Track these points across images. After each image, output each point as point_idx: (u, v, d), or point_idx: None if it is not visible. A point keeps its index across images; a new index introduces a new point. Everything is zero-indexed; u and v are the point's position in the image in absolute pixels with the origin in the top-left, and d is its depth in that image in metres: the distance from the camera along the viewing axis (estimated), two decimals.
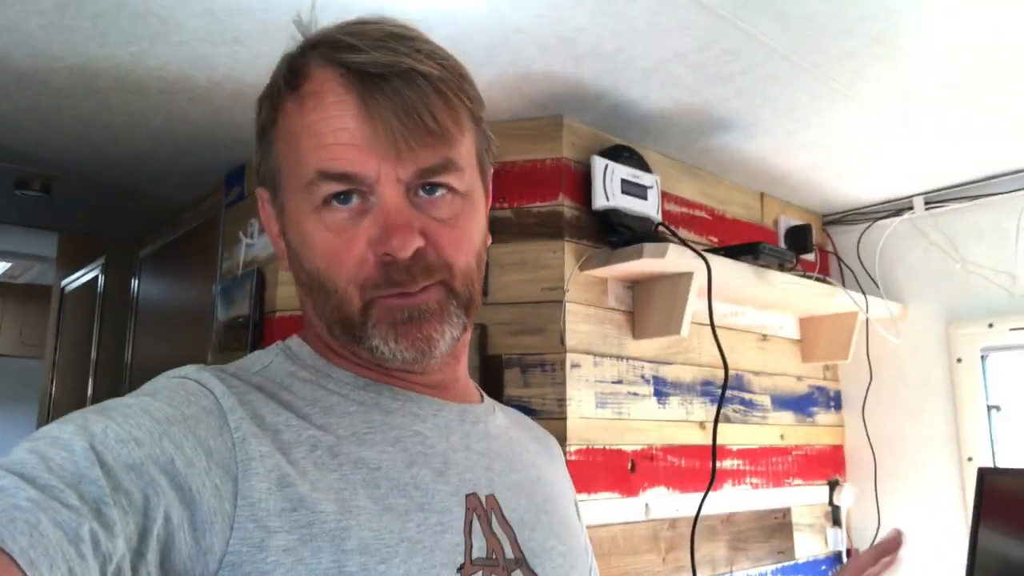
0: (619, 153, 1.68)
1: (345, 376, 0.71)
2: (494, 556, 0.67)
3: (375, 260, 0.65)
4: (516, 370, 1.59)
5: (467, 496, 0.68)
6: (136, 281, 2.67)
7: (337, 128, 0.64)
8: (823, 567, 2.14)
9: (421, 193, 0.67)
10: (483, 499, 0.70)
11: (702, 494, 1.60)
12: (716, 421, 1.57)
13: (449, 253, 0.67)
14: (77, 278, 3.20)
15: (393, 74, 0.63)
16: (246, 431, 0.60)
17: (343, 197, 0.65)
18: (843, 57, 1.40)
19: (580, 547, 0.82)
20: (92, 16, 1.32)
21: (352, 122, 0.64)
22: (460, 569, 0.64)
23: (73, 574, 0.44)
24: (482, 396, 0.82)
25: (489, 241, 0.76)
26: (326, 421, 0.66)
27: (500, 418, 0.81)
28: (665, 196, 1.85)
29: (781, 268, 1.81)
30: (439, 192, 0.67)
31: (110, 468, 0.51)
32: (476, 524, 0.67)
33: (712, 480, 1.54)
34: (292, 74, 0.68)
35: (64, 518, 0.45)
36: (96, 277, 2.99)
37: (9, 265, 4.02)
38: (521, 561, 0.69)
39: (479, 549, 0.66)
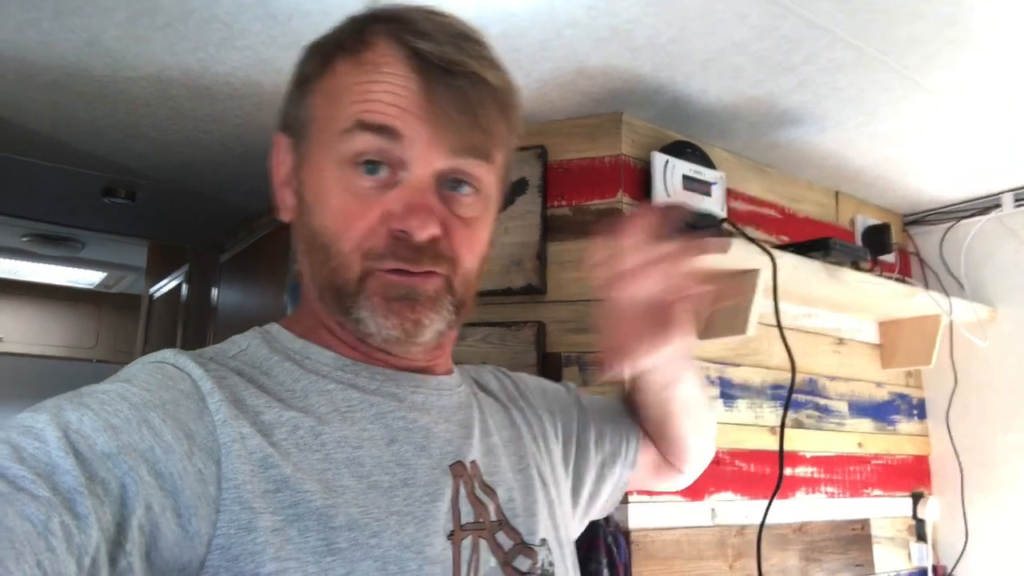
0: (681, 149, 1.64)
1: (324, 357, 0.70)
2: (481, 520, 0.69)
3: (386, 233, 0.64)
4: (575, 368, 1.57)
5: (452, 466, 0.70)
6: (216, 287, 2.77)
7: (389, 91, 0.63)
8: None
9: (446, 188, 0.67)
10: (467, 466, 0.71)
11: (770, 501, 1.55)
12: (783, 423, 1.51)
13: (461, 250, 0.67)
14: (163, 286, 3.35)
15: (460, 72, 0.64)
16: (226, 413, 0.59)
17: (371, 167, 0.64)
18: (912, 42, 1.34)
19: (561, 491, 0.83)
20: (163, 25, 1.38)
21: (408, 95, 0.63)
22: (451, 536, 0.65)
23: (42, 567, 0.42)
24: (452, 368, 0.82)
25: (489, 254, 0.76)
26: (306, 402, 0.66)
27: (470, 386, 0.82)
28: (731, 194, 1.81)
29: (855, 267, 1.74)
30: (465, 190, 0.67)
31: (85, 458, 0.50)
32: (462, 491, 0.69)
33: (778, 486, 1.48)
34: (356, 39, 0.67)
35: (32, 510, 0.44)
36: (180, 284, 3.12)
37: (104, 275, 4.23)
38: (504, 523, 0.71)
39: (466, 515, 0.68)
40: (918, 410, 2.19)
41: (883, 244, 2.03)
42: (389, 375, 0.72)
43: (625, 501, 1.49)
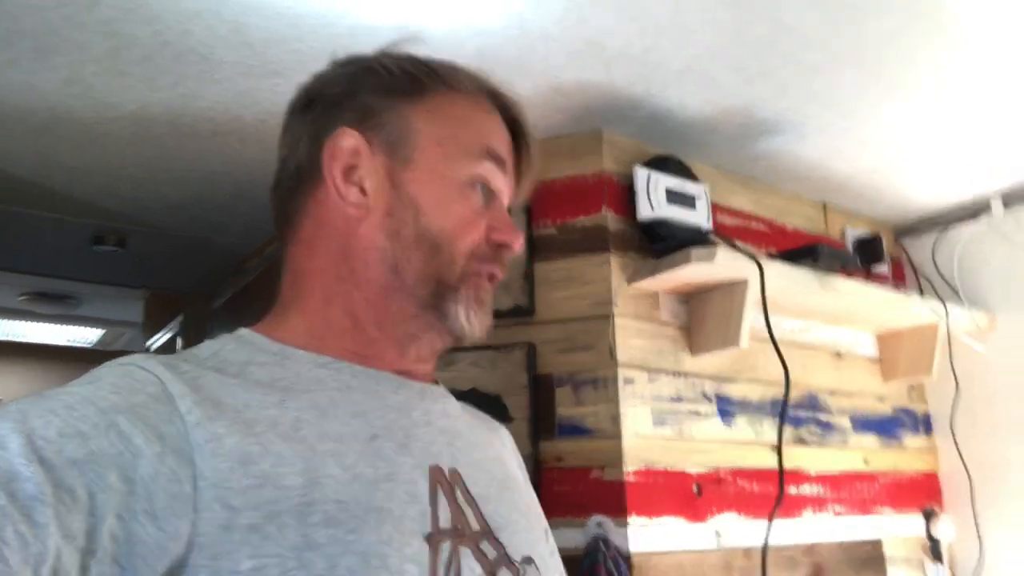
0: (663, 163, 1.64)
1: (303, 355, 0.72)
2: (460, 527, 0.67)
3: (487, 243, 0.76)
4: (567, 388, 1.54)
5: (431, 468, 0.69)
6: (209, 335, 2.75)
7: (503, 132, 0.80)
8: None
9: None
10: (447, 472, 0.71)
11: (776, 520, 1.50)
12: (780, 437, 1.48)
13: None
14: (159, 338, 3.33)
15: (529, 134, 0.83)
16: (199, 415, 0.59)
17: (482, 188, 0.77)
18: (884, 39, 1.34)
19: (541, 527, 0.83)
20: (140, 60, 1.39)
21: (507, 142, 0.81)
22: (428, 538, 0.64)
23: None
24: (436, 380, 0.84)
25: None
26: (285, 399, 0.66)
27: (455, 402, 0.84)
28: (717, 208, 1.80)
29: (846, 273, 1.72)
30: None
31: (51, 465, 0.50)
32: (441, 495, 0.68)
33: (777, 503, 1.44)
34: (458, 80, 0.79)
35: None
36: (175, 335, 3.10)
37: (103, 332, 4.22)
38: (487, 532, 0.70)
39: (445, 519, 0.67)
40: (924, 425, 2.15)
41: (875, 254, 2.02)
42: (371, 374, 0.73)
43: (624, 524, 1.45)
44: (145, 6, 1.24)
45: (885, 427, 2.05)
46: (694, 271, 1.50)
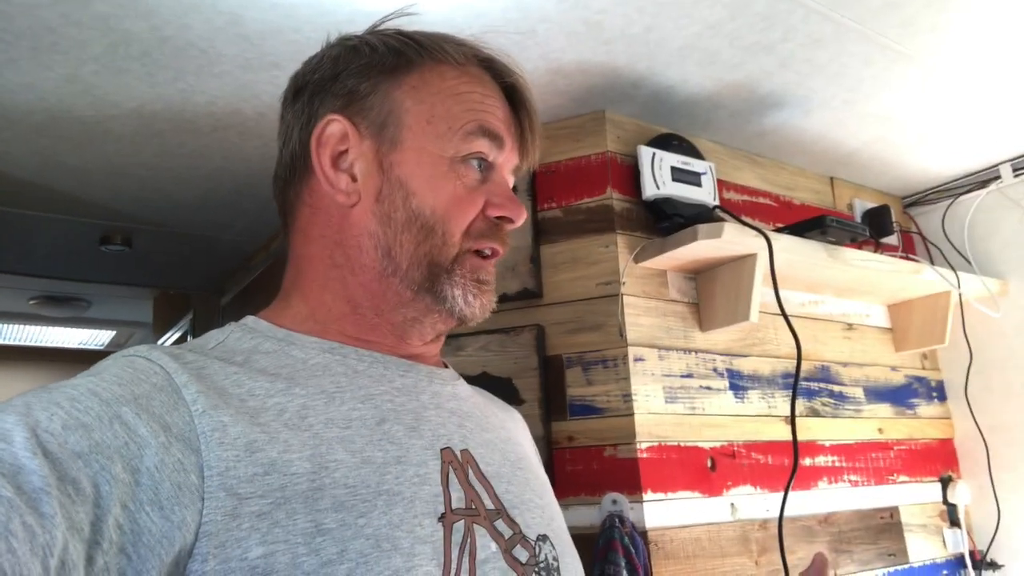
0: (667, 142, 1.63)
1: (309, 341, 0.72)
2: (473, 506, 0.68)
3: (484, 218, 0.75)
4: (577, 369, 1.54)
5: (442, 450, 0.69)
6: None
7: (499, 107, 0.77)
8: (944, 572, 1.97)
9: None
10: (458, 453, 0.71)
11: (792, 492, 1.50)
12: (793, 406, 1.48)
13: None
14: (169, 337, 3.34)
15: (532, 108, 0.80)
16: (204, 404, 0.59)
17: (479, 162, 0.75)
18: (887, 8, 1.32)
19: (556, 505, 0.82)
20: (139, 55, 1.38)
21: (505, 115, 0.78)
22: (441, 518, 0.64)
23: (0, 568, 0.42)
24: (446, 364, 0.84)
25: None
26: (291, 386, 0.66)
27: (465, 385, 0.84)
28: (723, 185, 1.79)
29: (855, 245, 1.71)
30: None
31: (55, 457, 0.50)
32: (453, 476, 0.68)
33: (792, 475, 1.44)
34: (445, 52, 0.76)
35: None
36: (185, 334, 3.11)
37: (114, 333, 4.24)
38: (501, 511, 0.70)
39: (457, 500, 0.67)
40: (937, 392, 2.15)
41: (884, 226, 2.00)
42: (377, 358, 0.73)
43: (640, 500, 1.45)
44: (141, 1, 1.23)
45: (899, 396, 2.04)
46: (702, 248, 1.50)
